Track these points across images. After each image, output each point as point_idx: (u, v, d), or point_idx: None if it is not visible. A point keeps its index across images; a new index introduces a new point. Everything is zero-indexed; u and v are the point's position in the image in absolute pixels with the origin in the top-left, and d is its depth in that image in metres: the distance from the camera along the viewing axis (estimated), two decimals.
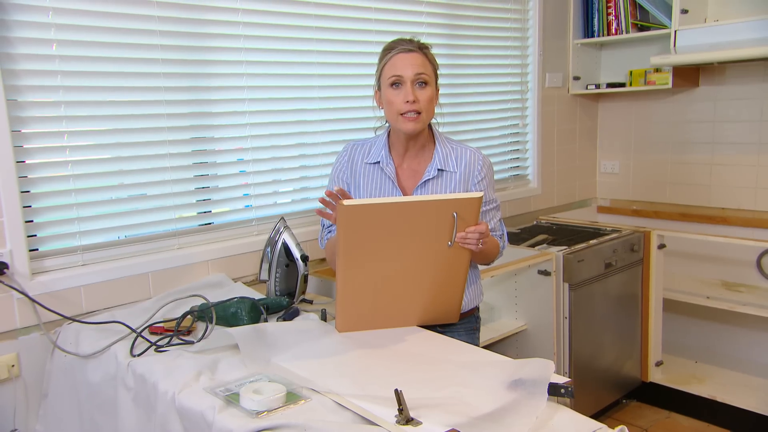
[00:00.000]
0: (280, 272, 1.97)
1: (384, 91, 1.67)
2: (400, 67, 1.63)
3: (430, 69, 1.66)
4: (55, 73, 1.79)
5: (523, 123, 3.25)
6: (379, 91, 1.71)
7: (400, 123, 1.66)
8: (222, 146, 2.17)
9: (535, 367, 1.28)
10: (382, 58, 1.68)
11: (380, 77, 1.69)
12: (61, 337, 1.75)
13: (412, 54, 1.64)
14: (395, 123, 1.68)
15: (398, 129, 1.68)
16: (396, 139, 1.73)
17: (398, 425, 1.13)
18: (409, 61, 1.63)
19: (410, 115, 1.63)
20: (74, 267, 1.86)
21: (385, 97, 1.67)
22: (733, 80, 3.10)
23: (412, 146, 1.73)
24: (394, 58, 1.64)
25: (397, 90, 1.64)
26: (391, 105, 1.65)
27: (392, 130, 1.73)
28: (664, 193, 3.42)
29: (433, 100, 1.68)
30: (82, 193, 1.88)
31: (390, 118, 1.69)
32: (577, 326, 2.68)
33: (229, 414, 1.22)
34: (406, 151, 1.74)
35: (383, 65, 1.67)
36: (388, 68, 1.65)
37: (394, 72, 1.63)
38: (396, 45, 1.66)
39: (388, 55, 1.66)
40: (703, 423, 2.91)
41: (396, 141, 1.74)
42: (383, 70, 1.67)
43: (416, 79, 1.63)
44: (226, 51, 2.13)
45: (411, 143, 1.73)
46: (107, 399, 1.57)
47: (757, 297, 2.95)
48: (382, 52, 1.69)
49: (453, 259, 1.56)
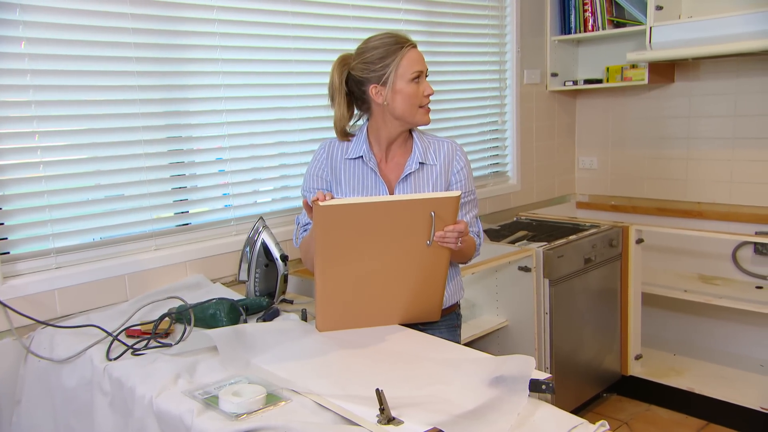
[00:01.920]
0: (260, 272, 1.95)
1: (401, 85, 1.64)
2: (418, 60, 1.66)
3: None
4: (24, 72, 1.75)
5: (502, 120, 3.26)
6: (382, 86, 1.65)
7: (418, 116, 1.69)
8: (199, 145, 2.14)
9: (516, 363, 1.28)
10: (392, 53, 1.63)
11: (395, 72, 1.64)
12: (35, 342, 1.71)
13: (417, 49, 1.68)
14: (411, 116, 1.68)
15: (412, 122, 1.70)
16: (382, 134, 1.72)
17: (380, 425, 1.12)
18: (421, 56, 1.68)
19: (427, 107, 1.69)
20: (48, 270, 1.82)
21: (404, 91, 1.64)
22: (708, 76, 3.14)
23: (399, 140, 1.74)
24: (411, 52, 1.65)
25: (417, 84, 1.66)
26: (412, 98, 1.66)
27: (381, 125, 1.70)
28: (642, 188, 3.46)
29: None
30: (55, 194, 1.84)
31: (405, 111, 1.67)
32: (557, 321, 2.70)
33: (208, 417, 1.20)
34: (391, 144, 1.74)
35: (399, 59, 1.63)
36: (406, 63, 1.64)
37: (416, 67, 1.65)
38: (400, 40, 1.66)
39: (402, 50, 1.64)
40: (681, 415, 2.95)
41: (381, 136, 1.72)
42: (400, 65, 1.63)
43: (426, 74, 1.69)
44: (202, 49, 2.09)
45: (399, 137, 1.73)
46: (83, 404, 1.54)
47: (732, 290, 3.00)
48: (387, 47, 1.64)
49: (432, 258, 1.56)
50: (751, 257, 3.12)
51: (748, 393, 2.82)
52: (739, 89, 3.05)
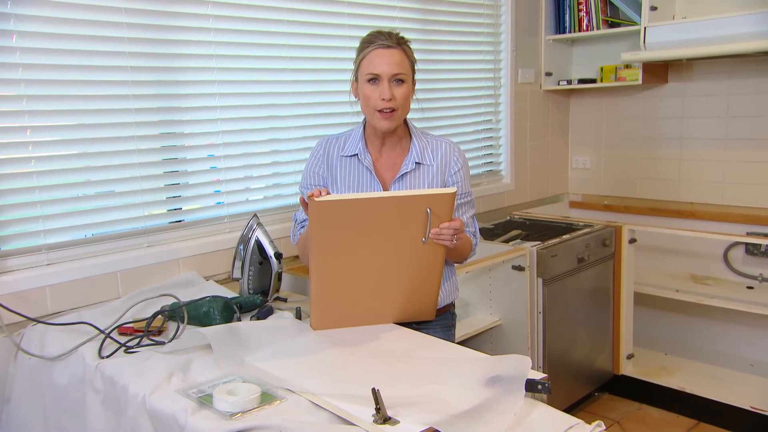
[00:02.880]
0: (254, 270, 1.94)
1: (361, 85, 1.65)
2: (378, 64, 1.60)
3: (407, 65, 1.64)
4: (15, 66, 1.72)
5: (496, 119, 3.26)
6: (356, 83, 1.68)
7: (375, 119, 1.65)
8: (192, 141, 2.12)
9: (512, 363, 1.28)
10: (361, 50, 1.64)
11: (358, 70, 1.66)
12: (25, 339, 1.69)
13: (391, 51, 1.60)
14: (371, 119, 1.66)
15: (373, 125, 1.67)
16: (372, 132, 1.71)
17: (375, 425, 1.12)
18: (387, 59, 1.60)
19: (386, 112, 1.62)
20: (39, 266, 1.80)
21: (362, 91, 1.64)
22: (701, 77, 3.16)
23: (389, 139, 1.72)
24: (373, 53, 1.61)
25: (374, 86, 1.62)
26: (368, 100, 1.63)
27: (368, 123, 1.71)
28: (635, 188, 3.47)
29: (410, 96, 1.66)
30: (46, 190, 1.82)
31: (366, 112, 1.67)
32: (550, 321, 2.71)
33: (202, 416, 1.19)
34: (383, 144, 1.73)
35: (361, 59, 1.64)
36: (366, 63, 1.62)
37: (372, 69, 1.61)
38: (375, 39, 1.62)
39: (366, 50, 1.62)
40: (672, 414, 2.96)
41: (372, 134, 1.72)
42: (361, 64, 1.64)
43: (393, 78, 1.61)
44: (196, 44, 2.08)
45: (388, 137, 1.71)
46: (74, 402, 1.53)
47: (724, 290, 3.01)
48: (361, 45, 1.65)
49: (428, 256, 1.55)
50: (742, 257, 3.14)
51: (738, 392, 2.84)
52: (732, 90, 3.07)
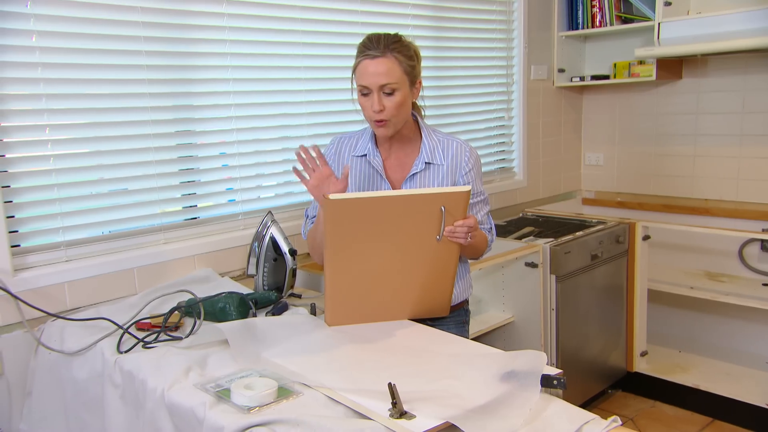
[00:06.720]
0: (268, 267, 1.95)
1: (357, 95, 1.65)
2: (365, 76, 1.58)
3: (397, 73, 1.58)
4: (35, 65, 1.75)
5: (509, 115, 3.25)
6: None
7: (373, 127, 1.67)
8: (207, 140, 2.14)
9: (528, 358, 1.28)
10: (356, 59, 1.63)
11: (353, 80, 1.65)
12: (45, 335, 1.71)
13: (377, 61, 1.56)
14: (370, 125, 1.68)
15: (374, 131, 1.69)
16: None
17: (392, 419, 1.13)
18: (374, 70, 1.57)
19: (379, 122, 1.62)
20: (58, 263, 1.83)
21: (359, 101, 1.65)
22: (716, 72, 3.13)
23: (396, 140, 1.73)
24: (361, 65, 1.59)
25: (366, 98, 1.61)
26: (363, 110, 1.65)
27: None
28: (648, 184, 3.45)
29: (404, 104, 1.62)
30: (64, 187, 1.84)
31: (366, 119, 1.68)
32: (563, 318, 2.70)
33: (220, 410, 1.21)
34: (392, 144, 1.74)
35: (353, 69, 1.63)
36: (357, 75, 1.62)
37: (361, 82, 1.60)
38: (364, 48, 1.60)
39: (357, 60, 1.61)
40: (687, 411, 2.95)
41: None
42: (355, 75, 1.63)
43: (381, 89, 1.58)
44: (211, 43, 2.09)
45: (395, 138, 1.72)
46: (94, 396, 1.55)
47: (738, 287, 2.99)
48: (357, 52, 1.63)
49: (442, 253, 1.56)
50: (757, 254, 3.12)
51: (753, 390, 2.82)
52: (747, 86, 3.04)
